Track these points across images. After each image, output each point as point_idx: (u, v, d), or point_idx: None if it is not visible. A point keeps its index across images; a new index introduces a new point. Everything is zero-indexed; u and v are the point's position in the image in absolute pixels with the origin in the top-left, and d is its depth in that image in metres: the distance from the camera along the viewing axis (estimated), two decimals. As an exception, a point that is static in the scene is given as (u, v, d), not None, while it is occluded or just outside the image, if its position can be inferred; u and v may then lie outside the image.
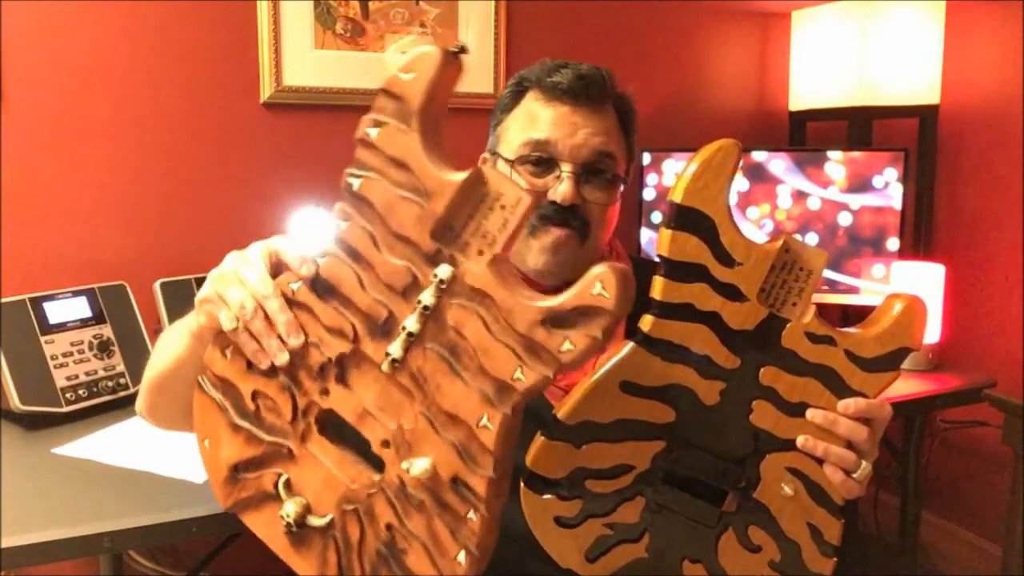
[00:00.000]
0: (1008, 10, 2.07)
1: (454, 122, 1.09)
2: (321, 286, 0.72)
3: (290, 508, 0.73)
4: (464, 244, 0.69)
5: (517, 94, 1.03)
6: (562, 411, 0.79)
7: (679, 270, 0.78)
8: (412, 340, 0.69)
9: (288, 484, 0.74)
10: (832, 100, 2.20)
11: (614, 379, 0.79)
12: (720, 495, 0.82)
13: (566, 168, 0.97)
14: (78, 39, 1.72)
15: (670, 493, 0.81)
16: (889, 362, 0.80)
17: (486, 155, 1.06)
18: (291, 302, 0.72)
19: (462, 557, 0.68)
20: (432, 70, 0.69)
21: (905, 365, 2.08)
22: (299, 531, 0.73)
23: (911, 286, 1.87)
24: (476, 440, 0.68)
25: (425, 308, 0.68)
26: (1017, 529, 1.64)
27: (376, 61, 1.97)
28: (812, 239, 2.07)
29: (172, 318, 1.63)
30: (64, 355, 1.49)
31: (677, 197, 0.77)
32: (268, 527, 0.75)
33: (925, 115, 2.19)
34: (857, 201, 2.04)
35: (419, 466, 0.68)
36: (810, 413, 0.79)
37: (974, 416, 2.05)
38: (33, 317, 1.47)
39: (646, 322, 0.79)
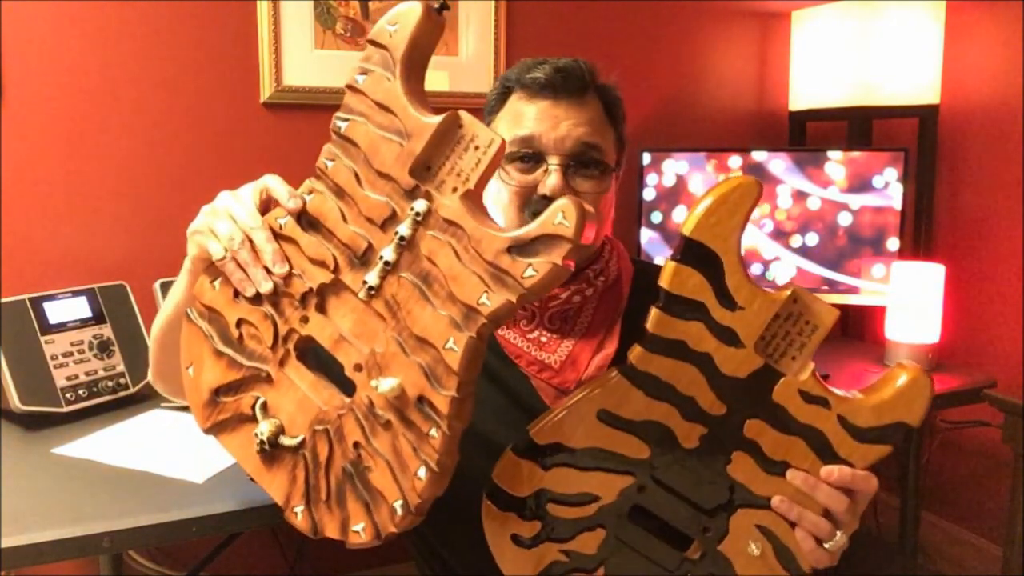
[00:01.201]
0: (1008, 10, 2.08)
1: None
2: (307, 220, 0.78)
3: (264, 428, 0.77)
4: (440, 182, 0.74)
5: (502, 95, 1.04)
6: (535, 428, 0.78)
7: (677, 305, 0.75)
8: (388, 269, 0.74)
9: (264, 406, 0.78)
10: (832, 100, 2.20)
11: (592, 406, 0.77)
12: (684, 540, 0.79)
13: (553, 161, 0.97)
14: (78, 39, 1.72)
15: (633, 530, 0.79)
16: (883, 435, 0.77)
17: None
18: (278, 235, 0.78)
19: (422, 473, 0.72)
20: (414, 22, 0.74)
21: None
22: (271, 450, 0.77)
23: (911, 286, 1.87)
24: (442, 362, 0.72)
25: (402, 239, 0.74)
26: (1017, 529, 1.64)
27: (376, 61, 1.97)
28: (812, 239, 2.07)
29: (172, 318, 1.63)
30: (64, 355, 1.49)
31: (687, 230, 0.74)
32: (243, 448, 0.79)
33: (925, 115, 2.19)
34: (857, 201, 2.04)
35: (386, 384, 0.73)
36: (790, 474, 0.76)
37: (974, 416, 2.05)
38: (33, 317, 1.47)
39: (634, 353, 0.77)
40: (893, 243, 2.03)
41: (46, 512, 1.11)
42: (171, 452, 1.30)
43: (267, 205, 0.81)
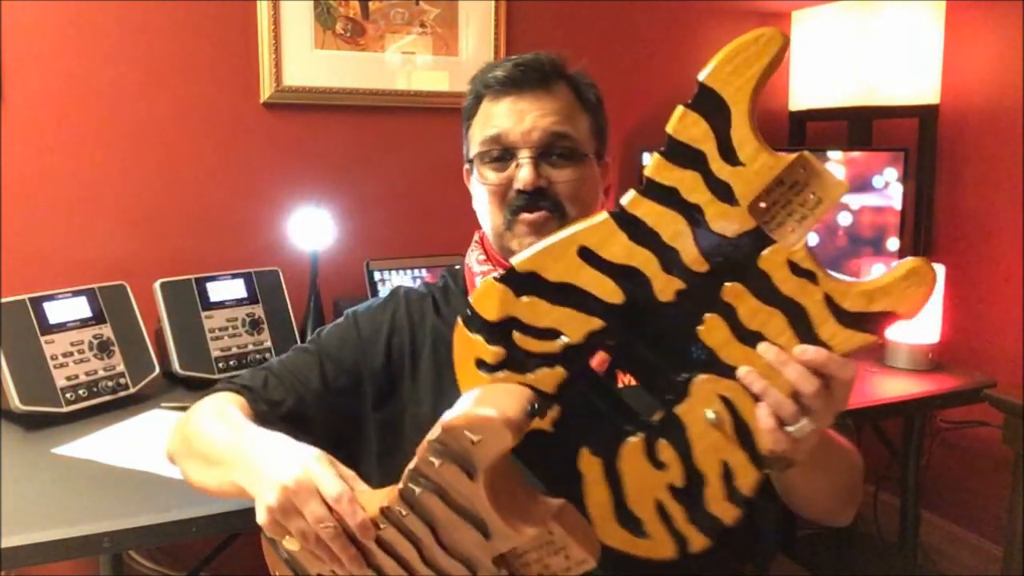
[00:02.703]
0: (1008, 10, 2.07)
1: (452, 122, 1.09)
2: (383, 545, 0.73)
3: None
4: (525, 564, 0.71)
5: (475, 100, 1.05)
6: (517, 259, 0.77)
7: (678, 152, 0.73)
8: None
9: None
10: (832, 100, 2.20)
11: (574, 241, 0.75)
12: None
13: (523, 154, 0.98)
14: (78, 39, 1.72)
15: (594, 379, 0.77)
16: (870, 322, 0.70)
17: (466, 166, 1.07)
18: (353, 538, 0.73)
19: None
20: (502, 444, 0.66)
21: (905, 365, 2.06)
22: None
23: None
24: None
25: None
26: (1017, 529, 1.64)
27: (376, 61, 1.97)
28: (812, 239, 2.07)
29: (172, 318, 1.64)
30: (64, 355, 1.48)
31: (701, 75, 0.72)
32: None
33: (925, 115, 2.19)
34: (857, 201, 2.04)
35: None
36: (762, 347, 0.71)
37: (974, 416, 2.04)
38: (33, 317, 1.47)
39: (627, 196, 0.75)
40: (893, 243, 2.03)
41: (46, 512, 1.11)
42: (171, 452, 1.30)
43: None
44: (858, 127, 2.20)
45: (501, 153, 1.00)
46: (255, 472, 0.78)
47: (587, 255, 0.75)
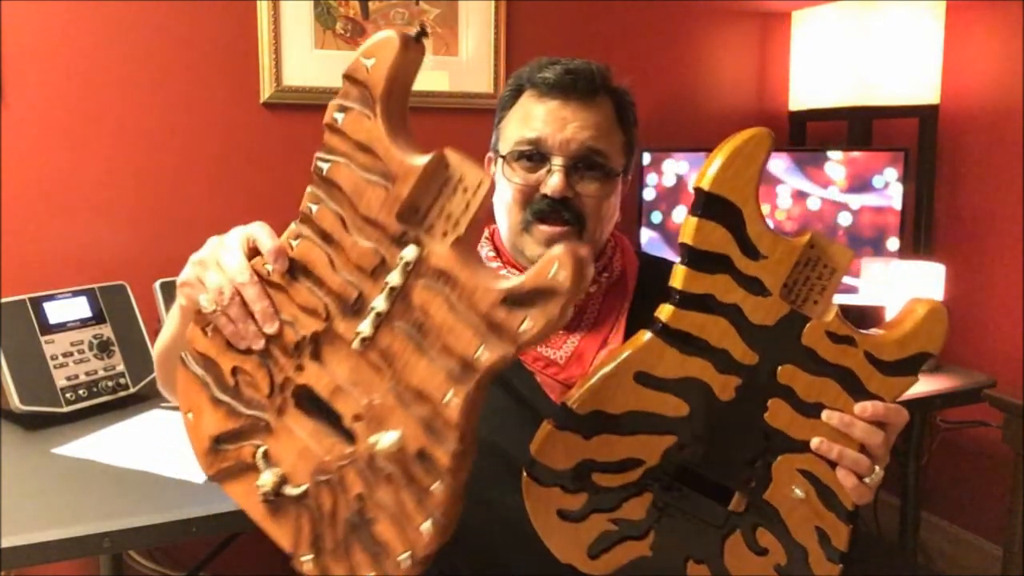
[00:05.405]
0: (1008, 10, 2.08)
1: (453, 121, 1.10)
2: (295, 267, 0.74)
3: (267, 478, 0.75)
4: (429, 226, 0.70)
5: (515, 92, 1.05)
6: (574, 400, 0.78)
7: (703, 260, 0.76)
8: (381, 319, 0.71)
9: (266, 455, 0.76)
10: (832, 100, 2.20)
11: (628, 369, 0.77)
12: (727, 494, 0.80)
13: (556, 161, 0.99)
14: (78, 39, 1.72)
15: (679, 490, 0.79)
16: (909, 366, 0.79)
17: (490, 154, 1.07)
18: (267, 282, 0.75)
19: (427, 525, 0.70)
20: (392, 55, 0.70)
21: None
22: (275, 500, 0.75)
23: (911, 286, 1.87)
24: (441, 416, 0.69)
25: (392, 289, 0.70)
26: (1017, 529, 1.64)
27: (376, 61, 1.97)
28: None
29: (172, 318, 1.64)
30: (64, 355, 1.49)
31: (705, 184, 0.75)
32: (247, 496, 0.77)
33: (925, 115, 2.19)
34: (857, 201, 2.04)
35: (386, 440, 0.70)
36: (826, 414, 0.77)
37: (974, 416, 2.05)
38: (33, 317, 1.47)
39: (665, 312, 0.77)
40: (893, 243, 2.03)
41: (46, 512, 1.11)
42: (171, 452, 1.30)
43: (255, 251, 0.77)
44: (858, 127, 2.20)
45: (535, 155, 1.00)
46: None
47: (644, 379, 0.78)
